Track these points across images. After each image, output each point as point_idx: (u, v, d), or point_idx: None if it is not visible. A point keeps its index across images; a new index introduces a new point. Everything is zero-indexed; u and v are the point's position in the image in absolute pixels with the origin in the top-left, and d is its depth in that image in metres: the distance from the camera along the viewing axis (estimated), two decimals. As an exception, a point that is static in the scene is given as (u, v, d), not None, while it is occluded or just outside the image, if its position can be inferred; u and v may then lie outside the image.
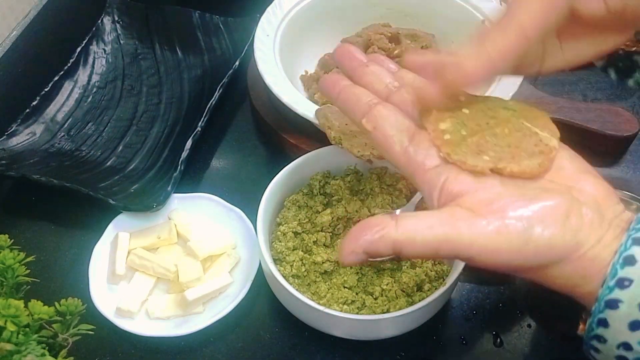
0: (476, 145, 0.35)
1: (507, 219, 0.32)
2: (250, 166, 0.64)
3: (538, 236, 0.32)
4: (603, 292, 0.31)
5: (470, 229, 0.32)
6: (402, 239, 0.33)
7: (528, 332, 0.52)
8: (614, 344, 0.32)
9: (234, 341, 0.52)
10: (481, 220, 0.32)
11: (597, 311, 0.32)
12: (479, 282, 0.55)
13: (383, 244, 0.34)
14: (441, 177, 0.35)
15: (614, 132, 0.61)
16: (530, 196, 0.33)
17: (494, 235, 0.32)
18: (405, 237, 0.33)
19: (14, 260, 0.41)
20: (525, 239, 0.32)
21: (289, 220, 0.52)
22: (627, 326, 0.31)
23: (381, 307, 0.47)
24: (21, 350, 0.36)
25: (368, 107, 0.39)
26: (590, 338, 0.33)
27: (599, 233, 0.32)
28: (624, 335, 0.31)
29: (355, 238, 0.34)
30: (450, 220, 0.33)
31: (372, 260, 0.49)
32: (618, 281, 0.31)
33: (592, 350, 0.33)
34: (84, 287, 0.52)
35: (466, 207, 0.33)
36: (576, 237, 0.32)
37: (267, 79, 0.59)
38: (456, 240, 0.33)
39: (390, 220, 0.34)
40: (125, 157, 0.63)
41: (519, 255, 0.32)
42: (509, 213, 0.32)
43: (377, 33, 0.66)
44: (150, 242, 0.55)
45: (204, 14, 0.75)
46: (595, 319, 0.32)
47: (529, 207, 0.32)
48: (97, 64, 0.71)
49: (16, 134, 0.63)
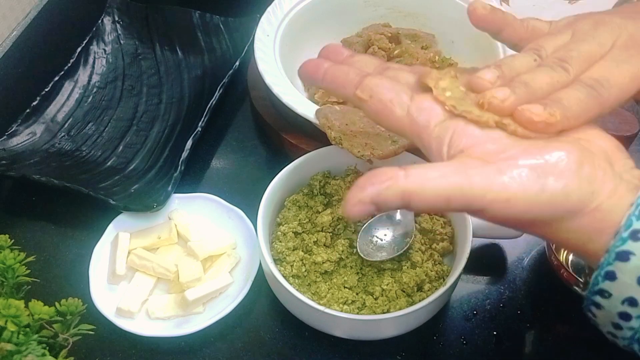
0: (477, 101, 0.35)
1: (519, 167, 0.31)
2: (250, 166, 0.64)
3: (552, 184, 0.31)
4: (615, 243, 0.30)
5: (483, 178, 0.31)
6: (411, 188, 0.32)
7: (528, 332, 0.52)
8: (619, 298, 0.30)
9: (234, 341, 0.52)
10: (494, 169, 0.31)
11: (605, 263, 0.30)
12: (479, 282, 0.55)
13: (392, 193, 0.32)
14: (448, 131, 0.34)
15: (614, 132, 0.61)
16: (540, 145, 0.32)
17: (507, 183, 0.31)
18: (415, 186, 0.32)
19: (15, 260, 0.41)
20: (540, 187, 0.31)
21: (289, 220, 0.52)
22: (635, 280, 0.30)
23: (381, 307, 0.47)
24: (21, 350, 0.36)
25: (360, 78, 0.37)
26: (594, 293, 0.31)
27: (612, 185, 0.31)
28: (631, 289, 0.30)
29: (362, 187, 0.32)
30: (462, 169, 0.32)
31: (369, 260, 0.50)
32: (632, 233, 0.30)
33: (593, 306, 0.32)
34: (84, 287, 0.52)
35: (476, 157, 0.32)
36: (591, 186, 0.31)
37: (267, 79, 0.59)
38: (468, 189, 0.31)
39: (399, 170, 0.32)
40: (126, 157, 0.63)
41: (533, 205, 0.31)
42: (521, 162, 0.31)
43: (377, 33, 0.66)
44: (151, 242, 0.55)
45: (204, 14, 0.75)
46: (603, 272, 0.31)
47: (541, 155, 0.31)
48: (97, 64, 0.71)
49: (16, 134, 0.63)
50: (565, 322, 0.53)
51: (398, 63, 0.40)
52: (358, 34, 0.68)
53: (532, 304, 0.53)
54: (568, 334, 0.53)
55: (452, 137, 0.33)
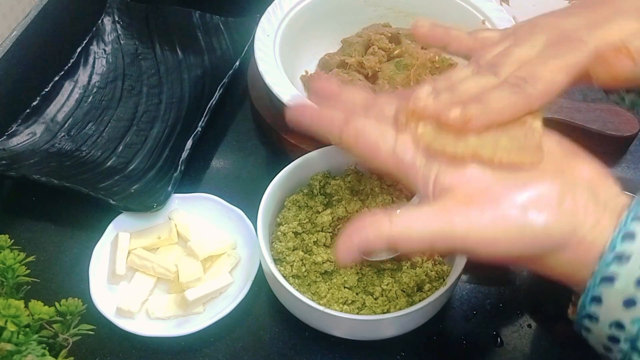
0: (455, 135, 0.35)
1: (501, 207, 0.32)
2: (250, 166, 0.64)
3: (533, 222, 0.31)
4: (600, 267, 0.31)
5: (465, 221, 0.32)
6: (396, 235, 0.33)
7: (528, 332, 0.52)
8: (607, 322, 0.31)
9: (234, 341, 0.52)
10: (475, 210, 0.32)
11: (591, 287, 0.31)
12: (479, 282, 0.55)
13: (378, 242, 0.34)
14: (432, 171, 0.35)
15: (614, 132, 0.61)
16: (522, 183, 0.33)
17: (489, 225, 0.32)
18: (400, 233, 0.33)
19: (15, 260, 0.41)
20: (521, 226, 0.31)
21: (289, 220, 0.52)
22: (621, 303, 0.30)
23: (381, 307, 0.47)
24: (21, 350, 0.36)
25: (343, 122, 0.38)
26: (582, 317, 0.32)
27: (595, 216, 0.32)
28: (618, 312, 0.30)
29: (349, 237, 0.34)
30: (444, 214, 0.33)
31: (369, 260, 0.50)
32: (615, 256, 0.30)
33: (583, 330, 0.33)
34: (84, 287, 0.52)
35: (459, 198, 0.33)
36: (572, 221, 0.32)
37: (268, 79, 0.59)
38: (451, 234, 0.32)
39: (384, 216, 0.34)
40: (126, 157, 0.63)
41: (516, 244, 0.32)
42: (502, 201, 0.32)
43: (377, 33, 0.66)
44: (151, 242, 0.55)
45: (204, 14, 0.75)
46: (589, 296, 0.31)
47: (522, 193, 0.32)
48: (97, 64, 0.71)
49: (16, 134, 0.63)
50: (565, 322, 0.53)
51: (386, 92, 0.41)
52: (358, 34, 0.68)
53: (532, 304, 0.53)
54: (568, 334, 0.53)
55: (437, 177, 0.34)
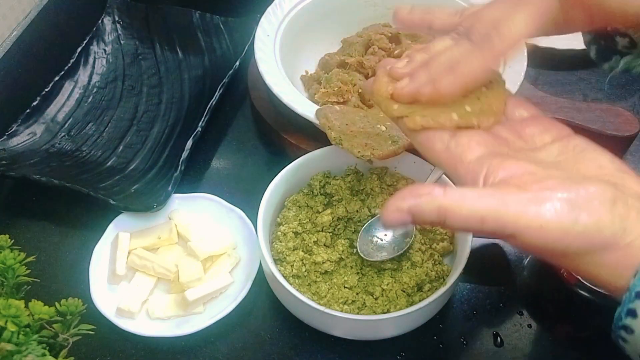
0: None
1: (555, 198, 0.32)
2: (250, 166, 0.64)
3: (586, 218, 0.31)
4: (635, 282, 0.31)
5: (519, 204, 0.32)
6: (448, 206, 0.33)
7: (528, 332, 0.52)
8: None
9: (234, 341, 0.52)
10: (530, 196, 0.32)
11: (627, 301, 0.31)
12: (479, 282, 0.55)
13: (429, 207, 0.33)
14: (484, 166, 0.35)
15: (614, 132, 0.61)
16: (577, 180, 0.33)
17: (543, 212, 0.32)
18: (452, 204, 0.33)
19: (15, 260, 0.41)
20: (573, 218, 0.31)
21: (290, 220, 0.52)
22: None
23: (382, 307, 0.47)
24: (22, 350, 0.36)
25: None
26: (619, 328, 0.32)
27: None
28: None
29: (403, 197, 0.34)
30: (499, 194, 0.33)
31: (369, 260, 0.50)
32: None
33: (620, 340, 0.33)
34: (84, 287, 0.52)
35: (514, 187, 0.33)
36: (623, 224, 0.32)
37: (268, 79, 0.59)
38: (504, 212, 0.32)
39: (438, 187, 0.34)
40: (126, 157, 0.63)
41: (566, 235, 0.32)
42: (557, 194, 0.32)
43: (377, 33, 0.66)
44: (151, 242, 0.55)
45: (204, 14, 0.75)
46: (625, 309, 0.31)
47: (577, 190, 0.32)
48: (97, 64, 0.71)
49: (17, 134, 0.63)
50: (565, 322, 0.53)
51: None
52: (358, 34, 0.68)
53: (532, 304, 0.53)
54: (568, 334, 0.53)
55: (487, 171, 0.35)
